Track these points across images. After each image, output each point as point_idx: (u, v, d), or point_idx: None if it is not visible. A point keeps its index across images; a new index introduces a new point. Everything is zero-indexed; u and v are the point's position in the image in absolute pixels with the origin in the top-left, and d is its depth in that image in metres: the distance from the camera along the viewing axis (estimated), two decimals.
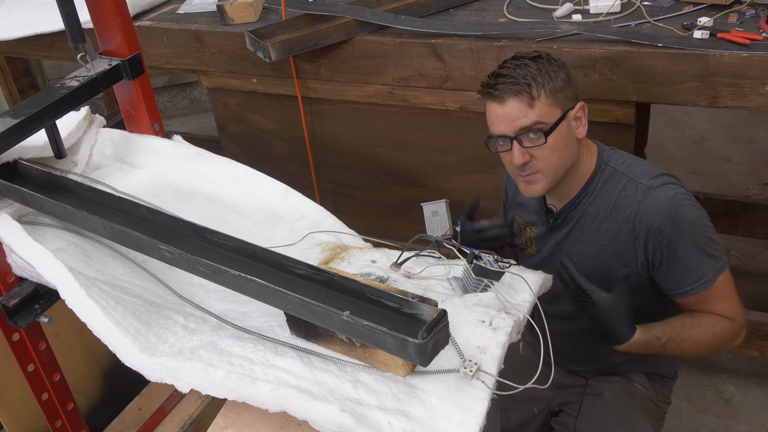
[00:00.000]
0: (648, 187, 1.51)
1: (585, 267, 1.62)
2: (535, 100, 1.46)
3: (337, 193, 2.63)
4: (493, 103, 1.50)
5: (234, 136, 2.69)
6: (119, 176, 1.63)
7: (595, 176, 1.58)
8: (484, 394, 1.05)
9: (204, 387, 1.13)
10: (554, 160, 1.51)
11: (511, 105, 1.47)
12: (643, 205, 1.50)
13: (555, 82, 1.48)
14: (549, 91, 1.47)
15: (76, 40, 1.54)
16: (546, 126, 1.48)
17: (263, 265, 1.22)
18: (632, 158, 1.60)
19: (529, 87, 1.46)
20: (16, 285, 1.45)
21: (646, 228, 1.50)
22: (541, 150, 1.49)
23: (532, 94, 1.46)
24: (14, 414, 1.78)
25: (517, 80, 1.46)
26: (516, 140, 1.49)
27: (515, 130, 1.49)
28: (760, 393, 2.49)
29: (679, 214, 1.48)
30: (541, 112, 1.47)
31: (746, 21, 1.85)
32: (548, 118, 1.48)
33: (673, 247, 1.49)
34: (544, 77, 1.47)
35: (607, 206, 1.56)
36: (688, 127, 4.04)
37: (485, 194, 2.32)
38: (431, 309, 1.03)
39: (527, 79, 1.46)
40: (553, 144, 1.49)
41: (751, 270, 2.96)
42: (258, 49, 2.19)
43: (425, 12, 2.22)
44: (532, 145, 1.49)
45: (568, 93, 1.51)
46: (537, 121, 1.47)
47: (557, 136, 1.49)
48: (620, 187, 1.55)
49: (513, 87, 1.46)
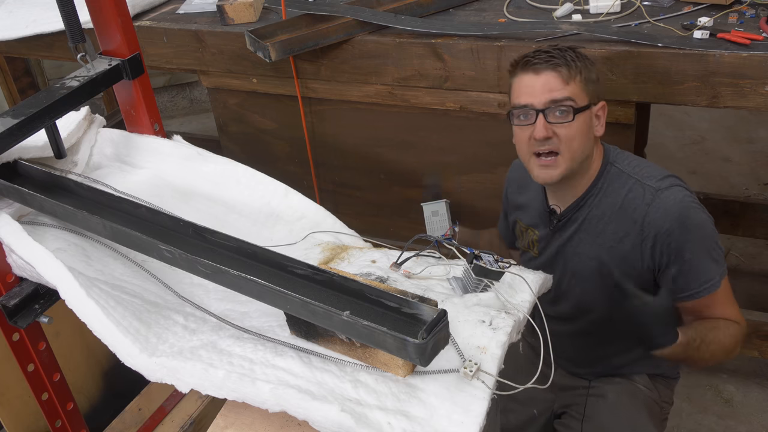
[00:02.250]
0: (656, 189, 1.50)
1: (589, 268, 1.61)
2: (572, 79, 1.49)
3: (337, 193, 2.62)
4: (528, 73, 1.50)
5: (234, 136, 2.69)
6: (119, 176, 1.63)
7: (601, 177, 1.58)
8: (484, 394, 1.05)
9: (204, 387, 1.13)
10: (576, 143, 1.50)
11: (547, 76, 1.48)
12: (652, 207, 1.49)
13: (590, 73, 1.52)
14: (583, 78, 1.50)
15: (76, 40, 1.54)
16: (577, 105, 1.49)
17: (263, 265, 1.22)
18: (638, 159, 1.59)
19: (568, 65, 1.48)
20: (16, 285, 1.45)
21: (655, 230, 1.49)
22: (566, 128, 1.48)
23: (571, 72, 1.48)
24: (14, 414, 1.78)
25: (557, 57, 1.48)
26: (542, 113, 1.49)
27: (545, 102, 1.48)
28: (760, 393, 2.49)
29: (688, 218, 1.47)
30: (574, 92, 1.48)
31: (746, 21, 1.85)
32: (579, 99, 1.49)
33: (681, 250, 1.48)
34: (582, 64, 1.51)
35: (614, 208, 1.56)
36: (688, 127, 4.04)
37: (485, 194, 2.32)
38: (431, 309, 1.03)
39: (567, 59, 1.49)
40: (579, 126, 1.49)
41: (751, 270, 2.96)
42: (258, 49, 2.19)
43: (425, 12, 2.22)
44: (557, 121, 1.48)
45: (597, 88, 1.54)
46: (569, 97, 1.48)
47: (583, 120, 1.50)
48: (627, 189, 1.54)
49: (552, 60, 1.48)
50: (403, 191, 2.49)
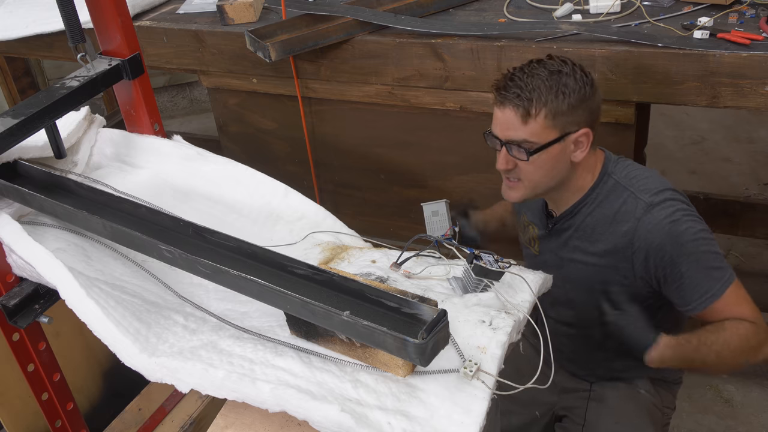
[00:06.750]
0: (648, 204, 1.49)
1: (584, 275, 1.61)
2: (531, 118, 1.45)
3: (337, 193, 2.62)
4: (497, 102, 1.50)
5: (234, 136, 2.69)
6: (119, 176, 1.63)
7: (596, 188, 1.57)
8: (484, 394, 1.05)
9: (204, 387, 1.13)
10: (537, 176, 1.52)
11: (507, 114, 1.47)
12: (642, 222, 1.49)
13: (560, 104, 1.45)
14: (549, 112, 1.45)
15: (76, 40, 1.54)
16: (533, 146, 1.47)
17: (263, 265, 1.22)
18: (637, 170, 1.58)
19: (529, 103, 1.44)
20: (16, 285, 1.45)
21: (646, 245, 1.49)
22: (524, 163, 1.50)
23: (530, 111, 1.44)
24: (14, 414, 1.78)
25: (521, 92, 1.44)
26: (505, 146, 1.51)
27: (505, 137, 1.50)
28: (760, 393, 2.49)
29: (679, 232, 1.46)
30: (532, 131, 1.46)
31: (746, 21, 1.85)
32: (539, 138, 1.47)
33: (676, 264, 1.48)
34: (549, 96, 1.44)
35: (607, 219, 1.55)
36: (688, 127, 4.04)
37: (485, 194, 2.32)
38: (431, 309, 1.03)
39: (532, 93, 1.44)
40: (539, 162, 1.49)
41: (751, 270, 2.96)
42: (258, 49, 2.19)
43: (425, 12, 2.22)
44: (516, 156, 1.50)
45: (573, 117, 1.47)
46: (525, 139, 1.47)
47: (545, 156, 1.49)
48: (621, 201, 1.54)
49: (515, 99, 1.45)
50: (403, 191, 2.49)
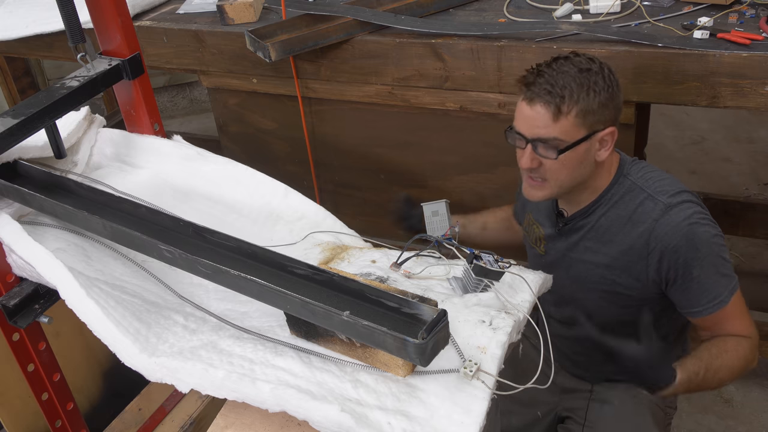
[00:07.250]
0: (666, 205, 1.49)
1: (593, 277, 1.61)
2: (562, 116, 1.42)
3: (337, 193, 2.62)
4: (524, 99, 1.47)
5: (234, 136, 2.69)
6: (119, 176, 1.63)
7: (612, 188, 1.56)
8: (484, 394, 1.05)
9: (204, 387, 1.13)
10: (562, 175, 1.49)
11: (537, 111, 1.44)
12: (659, 223, 1.48)
13: (591, 102, 1.42)
14: (580, 111, 1.42)
15: (76, 40, 1.54)
16: (563, 144, 1.44)
17: (263, 265, 1.22)
18: (653, 172, 1.57)
19: (561, 100, 1.41)
20: (16, 285, 1.45)
21: (662, 247, 1.48)
22: (551, 162, 1.47)
23: (562, 109, 1.42)
24: (14, 414, 1.78)
25: (553, 88, 1.41)
26: (531, 143, 1.47)
27: (533, 135, 1.46)
28: (760, 393, 2.49)
29: (696, 235, 1.46)
30: (563, 130, 1.43)
31: (746, 21, 1.85)
32: (569, 136, 1.44)
33: (689, 266, 1.47)
34: (581, 94, 1.42)
35: (623, 219, 1.54)
36: (688, 127, 4.04)
37: (485, 194, 2.32)
38: (431, 309, 1.03)
39: (563, 90, 1.41)
40: (566, 161, 1.47)
41: (751, 270, 2.96)
42: (258, 49, 2.19)
43: (425, 12, 2.22)
44: (543, 155, 1.47)
45: (601, 116, 1.45)
46: (556, 137, 1.44)
47: (573, 155, 1.46)
48: (638, 202, 1.53)
49: (546, 95, 1.42)
50: (403, 191, 2.48)
